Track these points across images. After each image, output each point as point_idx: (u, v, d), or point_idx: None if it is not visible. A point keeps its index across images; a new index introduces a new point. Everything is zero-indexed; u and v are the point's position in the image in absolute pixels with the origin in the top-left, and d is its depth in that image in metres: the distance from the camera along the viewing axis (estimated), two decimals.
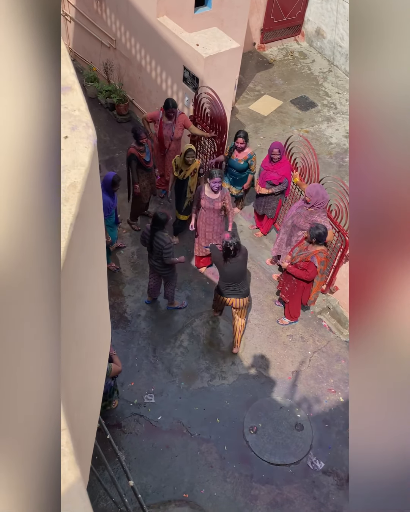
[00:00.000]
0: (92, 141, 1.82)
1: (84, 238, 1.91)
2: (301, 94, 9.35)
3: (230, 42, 6.98)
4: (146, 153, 6.55)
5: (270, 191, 6.59)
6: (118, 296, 6.55)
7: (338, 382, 5.97)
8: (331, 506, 5.07)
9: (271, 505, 5.06)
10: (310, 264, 5.60)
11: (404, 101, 1.93)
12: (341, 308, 6.40)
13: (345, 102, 9.26)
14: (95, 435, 3.76)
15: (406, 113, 1.94)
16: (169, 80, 7.53)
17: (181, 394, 5.77)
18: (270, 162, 6.46)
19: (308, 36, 10.34)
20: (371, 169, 2.08)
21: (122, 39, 8.06)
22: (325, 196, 5.83)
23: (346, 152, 8.40)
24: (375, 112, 2.02)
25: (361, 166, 2.11)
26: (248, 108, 9.01)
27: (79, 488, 1.25)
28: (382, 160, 2.04)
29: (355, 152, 2.12)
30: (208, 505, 5.03)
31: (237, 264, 5.49)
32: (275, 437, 5.49)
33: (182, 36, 6.94)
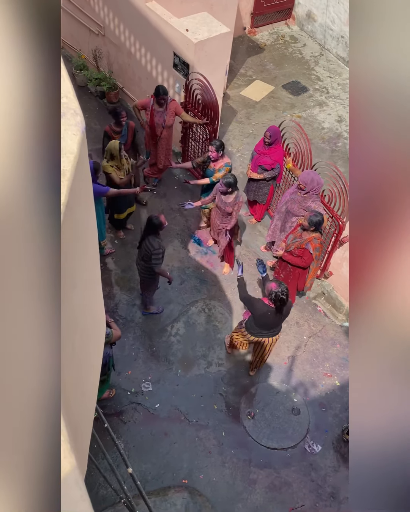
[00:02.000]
0: (81, 128, 1.80)
1: (75, 226, 1.89)
2: (292, 78, 9.28)
3: (220, 27, 6.90)
4: (122, 135, 6.48)
5: (261, 176, 6.56)
6: (113, 286, 6.54)
7: (333, 366, 6.02)
8: (328, 488, 5.14)
9: (269, 489, 5.12)
10: (305, 251, 5.61)
11: (404, 83, 1.92)
12: (336, 293, 6.43)
13: (337, 86, 9.20)
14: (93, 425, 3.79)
15: (406, 96, 1.93)
16: (160, 67, 7.45)
17: (178, 382, 5.80)
18: (264, 146, 6.43)
19: (298, 19, 10.23)
20: (371, 151, 2.08)
21: (111, 26, 7.95)
22: (320, 181, 5.82)
23: (338, 136, 8.36)
24: (375, 94, 2.01)
25: (361, 148, 2.10)
26: (239, 93, 8.95)
27: (75, 477, 1.25)
28: (382, 142, 2.04)
29: (355, 134, 2.11)
30: (207, 490, 5.09)
31: (282, 316, 5.05)
32: (272, 421, 5.54)
33: (172, 21, 6.84)
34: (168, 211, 7.23)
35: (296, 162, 6.42)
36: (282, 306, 4.87)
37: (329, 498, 5.08)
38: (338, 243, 6.11)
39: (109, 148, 5.95)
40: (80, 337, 2.05)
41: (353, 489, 2.33)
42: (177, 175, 7.83)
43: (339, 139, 8.32)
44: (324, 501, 5.07)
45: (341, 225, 5.92)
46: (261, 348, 5.44)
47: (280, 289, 4.78)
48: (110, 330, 4.79)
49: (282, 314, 5.00)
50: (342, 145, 8.24)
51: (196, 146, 7.48)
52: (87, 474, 5.06)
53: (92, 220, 2.38)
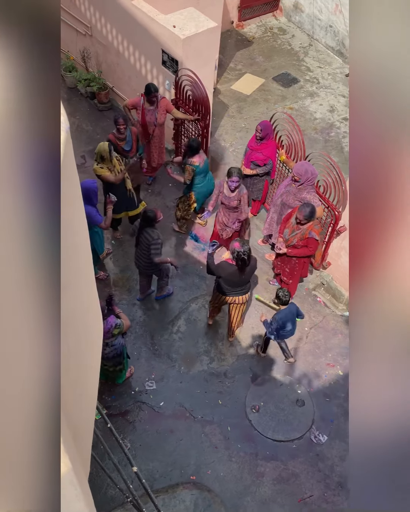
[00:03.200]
0: (65, 127, 1.79)
1: (65, 228, 1.89)
2: (282, 70, 9.25)
3: (207, 21, 6.87)
4: (127, 142, 6.39)
5: (254, 171, 6.56)
6: (112, 286, 6.54)
7: (336, 356, 6.03)
8: (336, 477, 5.15)
9: (277, 481, 5.13)
10: (309, 239, 5.58)
11: (404, 64, 1.92)
12: (335, 283, 6.43)
13: (327, 76, 9.17)
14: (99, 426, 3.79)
15: (406, 77, 1.93)
16: (149, 65, 7.42)
17: (182, 379, 5.81)
18: (256, 142, 6.41)
19: (286, 11, 10.19)
20: (371, 135, 2.07)
21: (98, 25, 7.92)
22: (314, 172, 5.81)
23: (331, 126, 8.34)
24: (374, 82, 2.01)
25: (361, 132, 2.10)
26: (230, 88, 8.92)
27: (70, 477, 1.26)
28: (382, 126, 2.03)
29: (355, 119, 2.11)
30: (215, 485, 5.10)
31: (248, 273, 5.31)
32: (277, 414, 5.55)
33: (158, 18, 6.82)
34: (164, 209, 7.22)
35: (289, 154, 6.40)
36: (244, 265, 5.13)
37: (337, 487, 5.10)
38: (335, 233, 6.10)
39: (99, 151, 5.89)
40: (74, 339, 2.05)
41: (353, 479, 2.33)
42: (171, 173, 7.81)
43: (332, 129, 8.30)
44: (332, 490, 5.08)
45: (337, 215, 5.92)
46: (236, 310, 5.69)
47: (242, 249, 5.03)
48: (121, 321, 4.86)
49: (245, 273, 5.25)
50: (335, 135, 8.22)
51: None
52: (95, 474, 5.10)
53: (82, 219, 2.38)
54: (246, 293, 5.56)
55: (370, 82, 2.03)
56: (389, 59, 1.97)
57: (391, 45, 1.96)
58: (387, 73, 1.99)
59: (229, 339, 6.13)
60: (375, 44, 1.98)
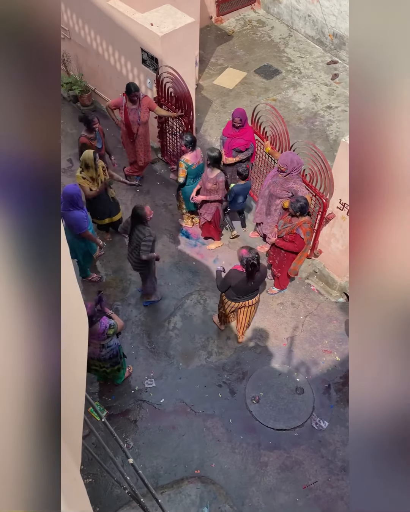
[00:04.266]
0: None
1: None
2: (264, 62, 9.24)
3: (185, 18, 6.86)
4: (98, 139, 6.45)
5: (237, 158, 6.58)
6: (106, 287, 6.55)
7: (332, 342, 6.04)
8: (339, 462, 5.17)
9: (281, 469, 5.16)
10: (296, 236, 5.62)
11: (404, 52, 1.94)
12: (327, 270, 6.44)
13: (309, 66, 9.17)
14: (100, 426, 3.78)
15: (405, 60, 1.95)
16: (129, 64, 7.43)
17: (180, 375, 5.82)
18: (233, 129, 6.46)
19: (264, 3, 10.18)
20: (370, 120, 2.09)
21: (76, 28, 7.92)
22: (299, 161, 5.83)
23: (315, 115, 8.35)
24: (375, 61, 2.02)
25: (361, 117, 2.12)
26: (212, 83, 8.92)
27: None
28: (382, 111, 2.05)
29: (355, 104, 2.13)
30: (220, 478, 5.12)
31: (258, 278, 5.18)
32: (277, 403, 5.57)
33: (135, 17, 6.82)
34: (154, 207, 7.21)
35: (274, 145, 6.41)
36: (254, 271, 5.01)
37: (341, 472, 5.12)
38: (324, 221, 6.12)
39: (84, 158, 5.84)
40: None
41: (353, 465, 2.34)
42: (159, 171, 7.83)
43: (316, 118, 8.30)
44: (336, 475, 5.10)
45: (325, 203, 5.93)
46: (245, 312, 5.61)
47: (250, 255, 4.94)
48: (114, 321, 4.88)
49: (255, 280, 5.15)
50: (319, 123, 8.23)
51: (174, 140, 7.47)
52: (99, 474, 5.12)
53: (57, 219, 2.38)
54: (256, 296, 5.48)
55: (370, 68, 2.04)
56: (388, 47, 1.99)
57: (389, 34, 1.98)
58: (386, 59, 2.01)
59: (238, 340, 6.02)
60: (374, 31, 1.99)
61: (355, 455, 2.37)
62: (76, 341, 2.49)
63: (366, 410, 2.30)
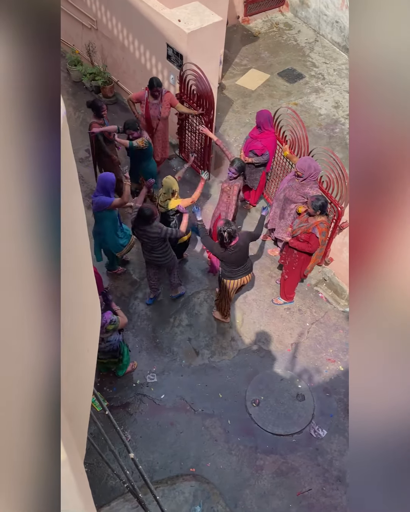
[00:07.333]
0: (62, 112, 1.79)
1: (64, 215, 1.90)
2: (288, 66, 9.22)
3: (212, 16, 6.86)
4: (106, 125, 6.52)
5: (249, 160, 6.56)
6: (115, 279, 6.57)
7: (337, 351, 6.03)
8: (335, 472, 5.17)
9: (276, 474, 5.16)
10: (311, 235, 5.58)
11: (405, 56, 1.92)
12: (337, 279, 6.42)
13: (333, 72, 9.14)
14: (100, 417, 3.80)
15: (405, 68, 1.93)
16: (153, 59, 7.43)
17: (183, 372, 5.83)
18: (258, 130, 6.46)
19: (292, 6, 10.16)
20: (371, 131, 2.08)
21: (103, 19, 7.93)
22: (317, 167, 5.81)
23: (335, 122, 8.32)
24: (375, 75, 2.01)
25: (361, 122, 2.11)
26: (235, 83, 8.91)
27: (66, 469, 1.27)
28: (381, 122, 2.04)
29: (355, 115, 2.12)
30: (215, 478, 5.13)
31: (242, 249, 5.35)
32: (277, 408, 5.57)
33: (164, 12, 6.82)
34: None
35: (293, 149, 6.40)
36: (224, 242, 5.14)
37: (336, 481, 5.11)
38: (337, 229, 6.10)
39: (169, 184, 5.75)
40: (70, 321, 2.07)
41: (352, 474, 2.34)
42: (175, 167, 7.83)
43: (336, 125, 8.28)
44: (331, 484, 5.09)
45: (340, 211, 5.91)
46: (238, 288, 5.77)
47: (223, 227, 5.10)
48: (117, 318, 4.89)
49: (234, 247, 5.24)
50: (339, 131, 8.20)
51: (193, 137, 7.47)
52: (95, 465, 5.14)
53: (80, 206, 2.37)
54: (250, 272, 5.70)
55: (371, 74, 2.03)
56: (390, 50, 1.98)
57: (392, 36, 1.96)
58: (388, 64, 1.99)
59: (226, 320, 6.15)
60: (376, 35, 1.98)
61: (354, 466, 2.36)
62: (90, 330, 2.49)
63: (366, 422, 2.29)
